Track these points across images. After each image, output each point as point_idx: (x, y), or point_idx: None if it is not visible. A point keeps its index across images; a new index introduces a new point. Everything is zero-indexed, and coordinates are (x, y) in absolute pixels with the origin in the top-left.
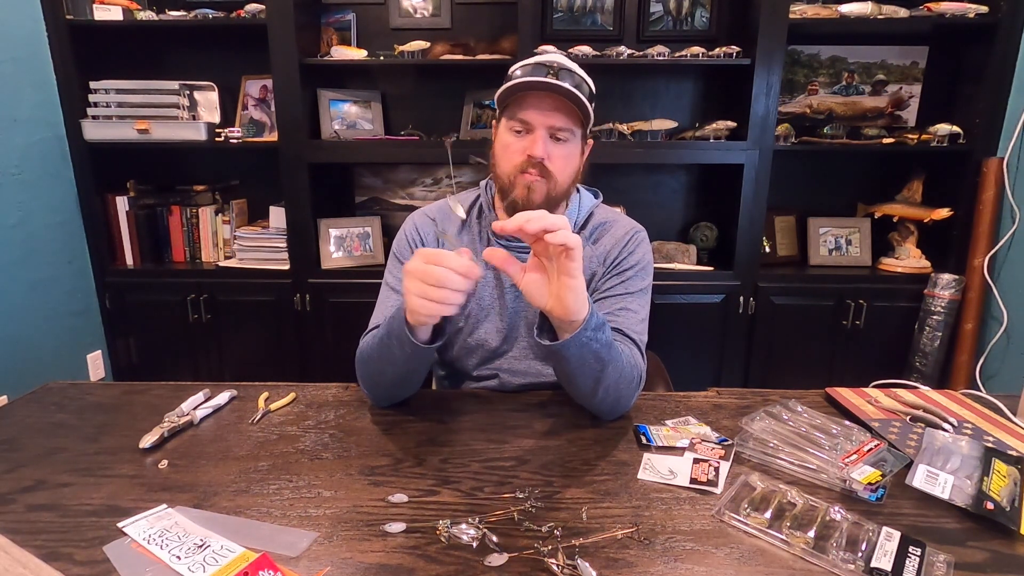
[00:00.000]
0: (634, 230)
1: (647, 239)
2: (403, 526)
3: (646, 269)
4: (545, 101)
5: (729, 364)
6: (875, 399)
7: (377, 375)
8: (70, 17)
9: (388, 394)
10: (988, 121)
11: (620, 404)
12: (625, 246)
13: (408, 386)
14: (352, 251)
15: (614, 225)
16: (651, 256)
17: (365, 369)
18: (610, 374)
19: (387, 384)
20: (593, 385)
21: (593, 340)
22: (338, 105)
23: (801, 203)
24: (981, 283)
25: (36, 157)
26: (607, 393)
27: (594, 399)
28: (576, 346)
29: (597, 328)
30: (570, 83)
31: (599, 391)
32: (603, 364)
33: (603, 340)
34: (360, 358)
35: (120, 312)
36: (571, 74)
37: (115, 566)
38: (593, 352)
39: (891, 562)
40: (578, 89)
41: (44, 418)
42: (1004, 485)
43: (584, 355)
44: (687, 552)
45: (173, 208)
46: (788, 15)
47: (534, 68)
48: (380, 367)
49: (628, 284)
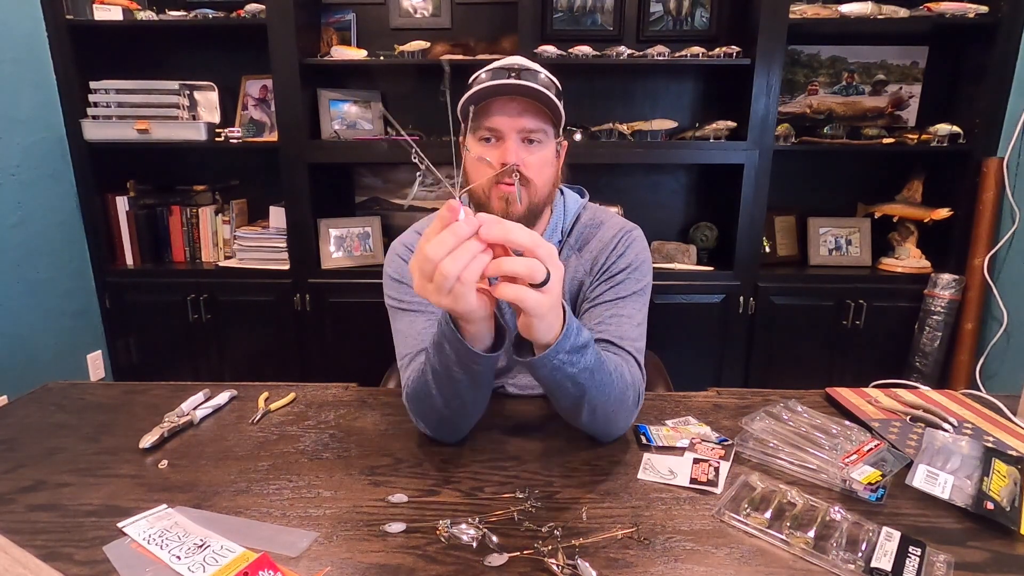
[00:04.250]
0: (623, 231)
1: (641, 237)
2: (403, 526)
3: (640, 270)
4: (511, 105)
5: (729, 364)
6: (875, 399)
7: (444, 409)
8: (70, 17)
9: (458, 426)
10: (988, 121)
11: (612, 427)
12: (614, 249)
13: (480, 407)
14: (352, 251)
15: (601, 227)
16: (647, 255)
17: (426, 406)
18: (594, 398)
19: (458, 415)
20: (573, 407)
21: (568, 364)
22: (338, 105)
23: (801, 203)
24: (981, 283)
25: (36, 157)
26: (593, 415)
27: (578, 420)
28: (545, 368)
29: (574, 351)
30: (535, 83)
31: (582, 413)
32: (582, 389)
33: (582, 364)
34: (415, 396)
35: (120, 312)
36: (535, 74)
37: (115, 566)
38: (568, 376)
39: (891, 562)
40: (545, 89)
41: (44, 418)
42: (1004, 485)
43: (557, 379)
44: (687, 552)
45: (173, 208)
46: (788, 15)
47: (495, 73)
48: (445, 400)
49: (620, 288)
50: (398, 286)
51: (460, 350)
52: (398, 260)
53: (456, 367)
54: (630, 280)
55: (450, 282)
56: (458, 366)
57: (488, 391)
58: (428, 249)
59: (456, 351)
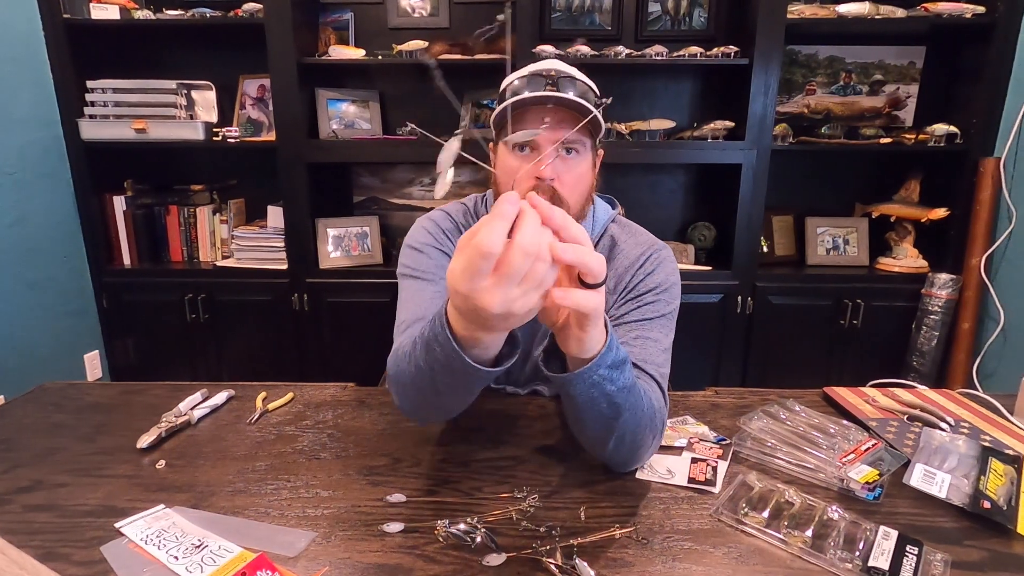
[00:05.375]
0: (652, 249)
1: (670, 258)
2: (401, 526)
3: (670, 291)
4: (547, 114)
5: (727, 363)
6: (872, 398)
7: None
8: (67, 16)
9: (437, 417)
10: (985, 121)
11: (635, 457)
12: (641, 267)
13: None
14: (350, 251)
15: (628, 244)
16: (676, 277)
17: (405, 393)
18: (626, 422)
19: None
20: (604, 433)
21: (607, 380)
22: (336, 105)
23: (799, 203)
24: (978, 283)
25: (33, 157)
26: (620, 444)
27: (605, 450)
28: (584, 384)
29: (615, 366)
30: (574, 92)
31: (610, 441)
32: (618, 411)
33: (621, 382)
34: (395, 379)
35: (117, 312)
36: (572, 82)
37: (112, 566)
38: (606, 395)
39: (888, 561)
40: (583, 98)
41: (41, 418)
42: (1001, 484)
43: (594, 396)
44: (685, 551)
45: (171, 208)
46: (786, 15)
47: (530, 80)
48: (424, 398)
49: (646, 309)
50: (415, 255)
51: (454, 359)
52: (421, 231)
53: (444, 373)
54: (659, 302)
55: (527, 264)
56: (447, 373)
57: (473, 397)
58: (481, 239)
59: (448, 358)
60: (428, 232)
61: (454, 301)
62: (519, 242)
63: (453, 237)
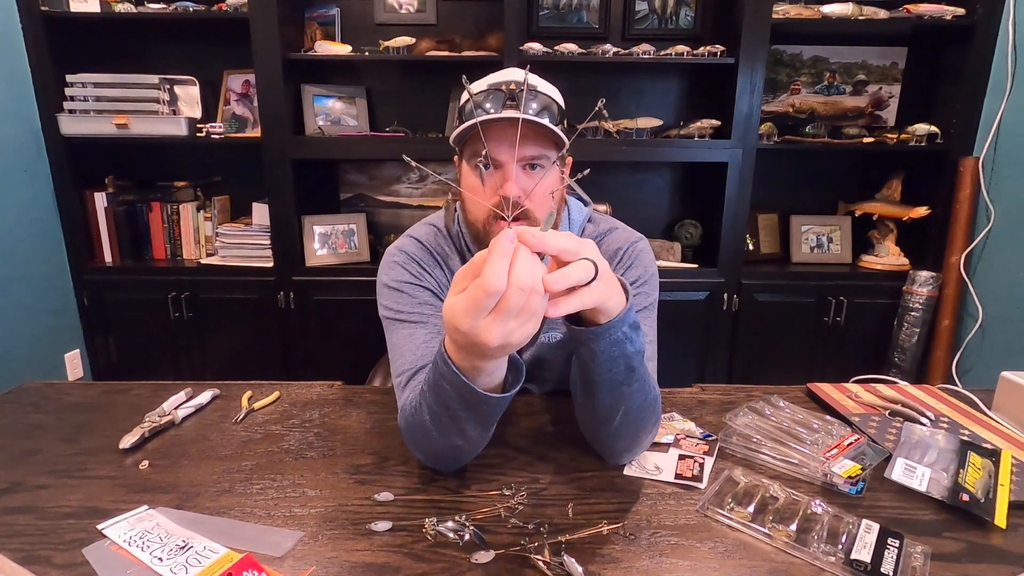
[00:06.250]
0: (628, 243)
1: (647, 248)
2: (389, 524)
3: (649, 283)
4: (510, 130)
5: (713, 360)
6: (855, 394)
7: (445, 449)
8: (45, 8)
9: (459, 460)
10: (964, 121)
11: (636, 440)
12: (619, 262)
13: (484, 443)
14: (337, 248)
15: (605, 241)
16: (654, 268)
17: (423, 443)
18: (636, 393)
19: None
20: (614, 402)
21: (627, 340)
22: (322, 101)
23: (784, 201)
24: (957, 280)
25: (10, 152)
26: (626, 420)
27: (611, 425)
28: (608, 340)
29: (634, 327)
30: (536, 106)
31: (618, 414)
32: (632, 376)
33: (638, 345)
34: (409, 430)
35: (99, 310)
36: (534, 95)
37: (95, 569)
38: (625, 355)
39: (870, 554)
40: (547, 110)
41: (20, 419)
42: (979, 477)
43: (614, 356)
44: (672, 547)
45: (153, 205)
46: (771, 15)
47: (490, 94)
48: (448, 441)
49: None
50: (396, 295)
51: (465, 392)
52: (396, 268)
53: (461, 409)
54: (640, 295)
55: (522, 299)
56: (463, 408)
57: (493, 428)
58: (487, 280)
59: (459, 393)
60: (402, 268)
61: (452, 336)
62: (515, 281)
63: (427, 266)
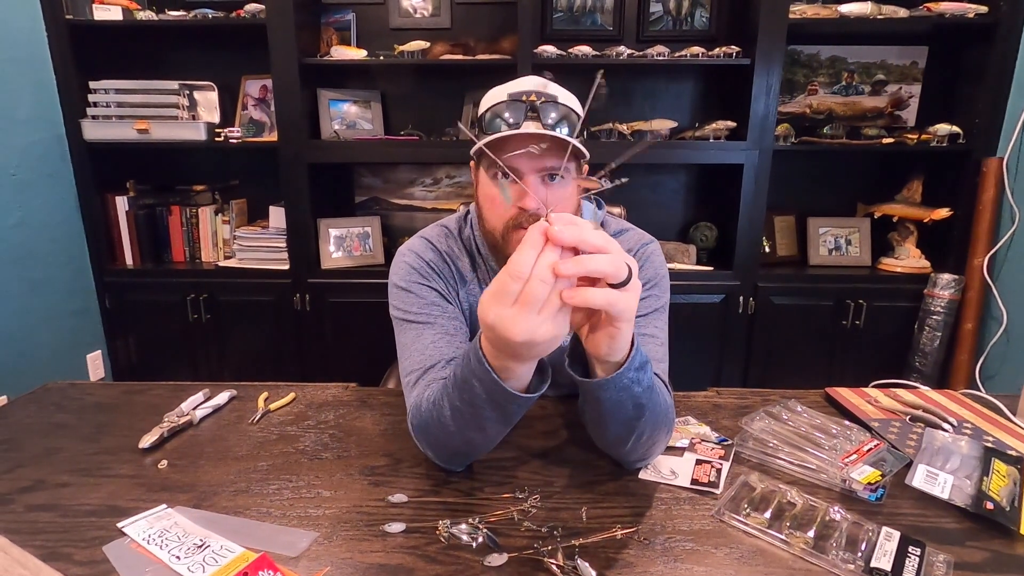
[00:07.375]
0: (640, 244)
1: (658, 250)
2: (403, 526)
3: (660, 285)
4: (529, 141)
5: (729, 364)
6: (875, 399)
7: (462, 445)
8: (69, 17)
9: (471, 457)
10: (988, 121)
11: (649, 453)
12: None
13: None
14: (352, 251)
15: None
16: (665, 269)
17: (440, 441)
18: (647, 421)
19: (476, 449)
20: (625, 434)
21: (635, 383)
22: (338, 105)
23: (801, 203)
24: (981, 283)
25: (35, 157)
26: (638, 442)
27: (623, 449)
28: (614, 388)
29: (641, 367)
30: (554, 115)
31: (630, 440)
32: (641, 411)
33: (646, 382)
34: (424, 428)
35: (120, 312)
36: (555, 105)
37: (115, 566)
38: (633, 396)
39: (891, 562)
40: (566, 120)
41: (43, 418)
42: (1004, 485)
43: (622, 400)
44: (687, 552)
45: (173, 208)
46: (788, 15)
47: (508, 106)
48: (466, 438)
49: (640, 306)
50: (405, 296)
51: (495, 390)
52: (405, 267)
53: (487, 407)
54: (651, 297)
55: (544, 291)
56: (490, 406)
57: (511, 427)
58: (511, 265)
59: (488, 391)
60: (413, 268)
61: (485, 334)
62: (537, 272)
63: (437, 268)
